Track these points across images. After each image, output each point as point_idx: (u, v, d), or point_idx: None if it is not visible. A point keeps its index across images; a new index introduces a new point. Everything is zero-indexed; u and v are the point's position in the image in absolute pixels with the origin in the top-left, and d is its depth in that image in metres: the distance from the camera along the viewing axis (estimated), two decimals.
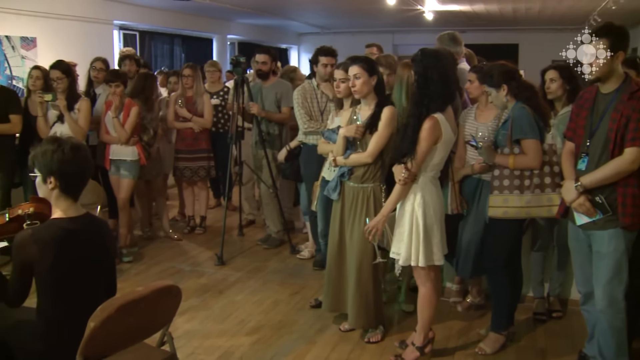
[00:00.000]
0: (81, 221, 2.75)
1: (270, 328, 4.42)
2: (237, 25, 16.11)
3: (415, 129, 3.50)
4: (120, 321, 2.49)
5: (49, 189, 2.70)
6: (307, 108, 5.20)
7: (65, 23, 11.49)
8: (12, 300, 2.72)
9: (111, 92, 5.66)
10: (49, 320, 2.72)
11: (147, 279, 5.35)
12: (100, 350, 2.61)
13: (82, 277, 2.72)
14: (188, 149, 6.51)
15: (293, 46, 19.55)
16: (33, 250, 2.59)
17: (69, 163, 2.65)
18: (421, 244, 3.59)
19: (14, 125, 5.59)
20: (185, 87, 6.49)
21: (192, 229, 6.88)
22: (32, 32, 10.97)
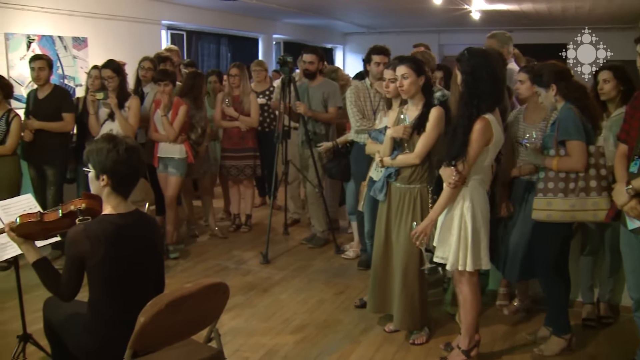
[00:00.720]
0: (131, 217, 2.80)
1: (314, 327, 4.43)
2: (282, 25, 16.18)
3: (465, 131, 3.45)
4: (169, 317, 2.52)
5: (101, 185, 2.75)
6: (360, 107, 5.18)
7: (115, 23, 11.69)
8: (64, 294, 2.78)
9: (160, 91, 5.75)
10: (100, 314, 2.77)
11: (193, 276, 5.42)
12: (149, 345, 2.65)
13: (132, 272, 2.76)
14: (234, 147, 6.57)
15: (338, 46, 19.54)
16: (85, 245, 2.65)
17: (123, 164, 2.70)
18: (469, 249, 3.55)
19: (67, 124, 5.73)
20: (232, 87, 6.54)
21: (238, 227, 6.95)
22: (84, 32, 11.19)
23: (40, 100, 5.72)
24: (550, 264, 3.86)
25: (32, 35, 10.33)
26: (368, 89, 5.25)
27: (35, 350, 3.79)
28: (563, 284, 3.92)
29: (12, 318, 4.53)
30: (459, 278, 3.73)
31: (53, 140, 5.71)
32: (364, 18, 15.64)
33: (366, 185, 4.77)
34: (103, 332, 2.75)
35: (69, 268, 2.72)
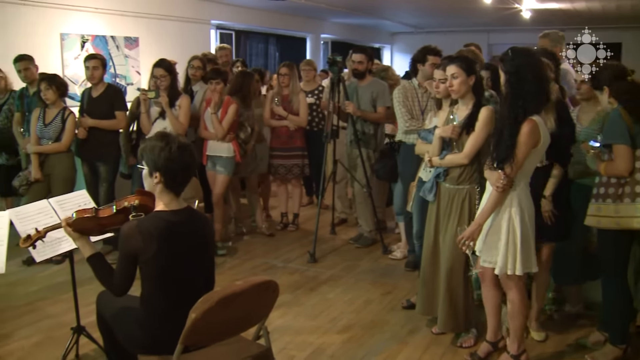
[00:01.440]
0: (183, 214, 2.84)
1: (361, 327, 4.41)
2: (330, 24, 16.19)
3: (512, 133, 3.38)
4: (219, 313, 2.55)
5: (154, 183, 2.80)
6: (408, 107, 5.15)
7: (166, 23, 11.88)
8: (117, 288, 2.83)
9: (211, 89, 5.81)
10: (152, 309, 2.82)
11: (241, 273, 5.46)
12: (200, 341, 2.68)
13: (183, 268, 2.80)
14: (283, 146, 6.59)
15: (386, 45, 19.47)
16: (138, 240, 2.69)
17: (175, 161, 2.74)
18: (518, 253, 3.48)
19: (119, 122, 5.84)
20: (282, 86, 6.57)
21: (285, 226, 6.98)
22: (135, 32, 11.40)
23: (94, 98, 5.84)
24: (609, 270, 3.76)
25: (86, 35, 10.57)
26: (416, 88, 5.21)
27: (88, 342, 3.88)
28: (622, 291, 3.80)
29: (66, 310, 4.64)
30: (506, 283, 3.67)
31: (106, 137, 5.83)
32: (412, 17, 15.55)
33: (415, 186, 4.74)
34: (154, 327, 2.79)
35: (122, 263, 2.77)
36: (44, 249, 3.39)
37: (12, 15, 9.44)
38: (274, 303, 2.86)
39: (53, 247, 3.46)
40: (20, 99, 6.23)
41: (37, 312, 4.71)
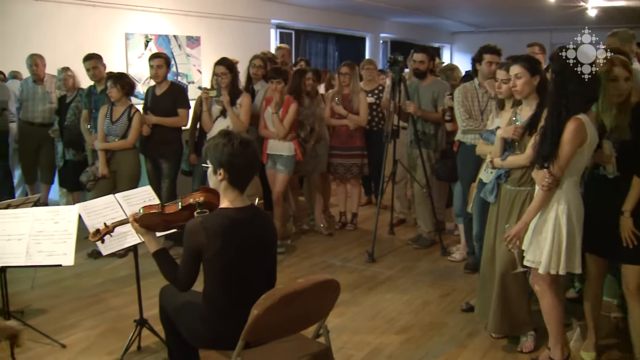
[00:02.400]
0: (247, 212, 2.86)
1: (419, 328, 4.38)
2: (390, 24, 16.13)
3: (554, 131, 3.32)
4: (281, 311, 2.56)
5: (218, 180, 2.83)
6: (467, 107, 5.08)
7: (227, 23, 12.03)
8: (181, 284, 2.88)
9: (272, 89, 5.86)
10: (214, 305, 2.85)
11: (299, 272, 5.49)
12: (261, 337, 2.70)
13: (246, 265, 2.83)
14: (342, 146, 6.58)
15: (446, 45, 19.29)
16: (202, 237, 2.73)
17: (238, 156, 2.76)
18: (563, 252, 3.41)
19: (182, 119, 5.95)
20: (342, 85, 6.56)
21: (344, 225, 6.98)
22: (197, 31, 11.59)
23: (158, 96, 5.97)
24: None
25: (149, 35, 10.80)
26: (476, 89, 5.14)
27: (149, 334, 3.98)
28: None
29: (129, 303, 4.76)
30: (542, 281, 3.59)
31: (169, 135, 5.95)
32: (473, 16, 15.36)
33: (476, 187, 4.67)
34: (217, 323, 2.83)
35: (186, 259, 2.82)
36: (111, 243, 3.48)
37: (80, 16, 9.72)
38: (335, 302, 2.86)
39: (119, 241, 3.55)
40: (88, 97, 6.42)
41: (102, 304, 4.84)
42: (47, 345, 4.09)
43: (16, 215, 3.37)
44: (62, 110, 6.82)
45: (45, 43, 8.55)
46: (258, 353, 2.75)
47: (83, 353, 4.01)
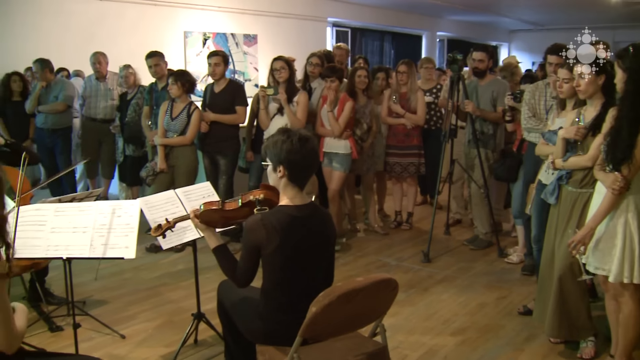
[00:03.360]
0: (306, 209, 2.87)
1: (475, 330, 4.32)
2: (447, 22, 15.97)
3: (631, 133, 3.20)
4: (339, 308, 2.56)
5: (278, 177, 2.84)
6: (532, 105, 4.98)
7: (283, 21, 12.10)
8: (240, 280, 2.90)
9: (327, 87, 5.87)
10: (272, 301, 2.87)
11: (354, 270, 5.48)
12: (318, 335, 2.70)
13: (305, 262, 2.83)
14: (399, 145, 6.55)
15: (503, 43, 18.99)
16: (262, 233, 2.74)
17: (297, 153, 2.76)
18: (636, 259, 3.29)
19: (239, 116, 6.00)
20: (400, 84, 6.52)
21: (399, 224, 6.95)
22: (254, 29, 11.69)
23: (216, 93, 6.04)
24: None
25: (207, 33, 10.94)
26: (545, 88, 5.03)
27: (206, 328, 4.03)
28: None
29: (185, 297, 4.85)
30: (621, 291, 3.47)
31: (226, 132, 6.01)
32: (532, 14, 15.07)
33: (535, 188, 4.58)
34: (274, 319, 2.84)
35: (245, 255, 2.84)
36: (171, 238, 3.53)
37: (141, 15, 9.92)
38: (393, 301, 2.84)
39: (179, 236, 3.60)
40: (149, 94, 6.54)
41: (159, 297, 4.93)
42: (107, 335, 4.20)
43: (81, 208, 3.46)
44: (123, 107, 6.98)
45: (108, 41, 8.76)
46: (315, 350, 2.76)
47: (141, 344, 4.09)
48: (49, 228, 3.39)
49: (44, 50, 7.73)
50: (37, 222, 3.40)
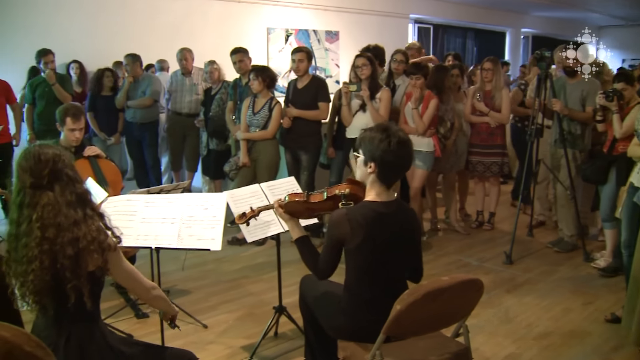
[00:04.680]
0: (392, 206, 2.85)
1: (560, 336, 4.19)
2: (532, 18, 15.58)
3: None
4: (424, 307, 2.53)
5: (367, 172, 2.83)
6: None
7: (365, 17, 12.08)
8: (320, 272, 2.92)
9: (411, 84, 5.82)
10: (355, 297, 2.87)
11: (435, 269, 5.42)
12: (401, 333, 2.69)
13: (389, 259, 2.82)
14: (482, 143, 6.43)
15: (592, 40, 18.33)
16: (346, 228, 2.74)
17: (392, 154, 2.74)
18: None
19: (322, 112, 6.02)
20: (485, 81, 6.40)
21: (480, 224, 6.84)
22: (336, 26, 11.72)
23: (299, 89, 6.08)
24: None
25: (290, 29, 11.05)
26: None
27: (286, 321, 4.07)
28: None
29: (266, 290, 4.92)
30: None
31: (309, 127, 6.05)
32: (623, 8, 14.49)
33: (626, 191, 4.41)
34: (357, 315, 2.84)
35: (328, 248, 2.85)
36: (255, 231, 3.59)
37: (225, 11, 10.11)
38: (477, 302, 2.80)
39: (263, 230, 3.65)
40: (233, 89, 6.66)
41: (240, 289, 5.02)
42: (190, 325, 4.30)
43: (170, 199, 3.55)
44: (207, 102, 7.12)
45: (192, 37, 8.98)
46: (397, 348, 2.75)
47: (223, 335, 4.18)
48: (140, 218, 3.50)
49: (133, 46, 7.98)
50: (129, 212, 3.52)
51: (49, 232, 2.23)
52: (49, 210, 2.24)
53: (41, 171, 2.26)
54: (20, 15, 8.36)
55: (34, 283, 2.25)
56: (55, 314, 2.34)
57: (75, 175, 2.36)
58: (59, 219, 2.24)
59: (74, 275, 2.24)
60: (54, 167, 2.29)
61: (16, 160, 2.34)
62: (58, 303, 2.30)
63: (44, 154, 2.29)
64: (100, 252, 2.27)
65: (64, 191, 2.29)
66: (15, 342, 2.02)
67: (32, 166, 2.27)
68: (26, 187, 2.27)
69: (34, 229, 2.23)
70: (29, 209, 2.26)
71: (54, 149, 2.35)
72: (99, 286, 2.37)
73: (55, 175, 2.29)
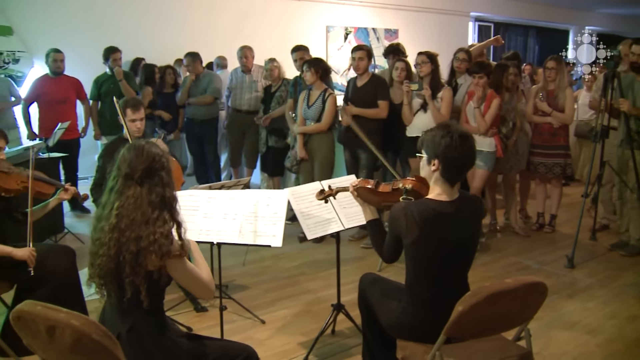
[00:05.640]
0: (452, 206, 2.82)
1: (625, 344, 4.06)
2: (597, 15, 15.17)
3: None
4: (486, 309, 2.50)
5: (431, 170, 2.82)
6: None
7: (425, 15, 11.99)
8: (385, 256, 2.98)
9: (474, 83, 5.75)
10: (415, 296, 2.85)
11: (493, 271, 5.35)
12: (462, 334, 2.65)
13: (449, 258, 2.79)
14: (545, 144, 6.29)
15: None
16: (402, 222, 2.75)
17: (455, 149, 2.73)
18: None
19: (381, 111, 6.00)
20: (547, 80, 6.27)
21: (541, 227, 6.70)
22: (395, 24, 11.68)
23: (359, 88, 6.08)
24: None
25: (349, 27, 11.06)
26: None
27: (344, 319, 4.06)
28: None
29: (323, 287, 4.94)
30: None
31: (368, 126, 6.01)
32: None
33: None
34: (418, 315, 2.82)
35: (389, 239, 2.90)
36: (315, 228, 3.61)
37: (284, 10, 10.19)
38: (541, 306, 2.74)
39: (323, 227, 3.66)
40: (294, 87, 6.71)
41: (298, 286, 5.05)
42: (248, 320, 4.36)
43: (231, 195, 3.60)
44: (267, 99, 7.19)
45: (253, 35, 9.09)
46: (457, 349, 2.72)
47: (280, 331, 4.21)
48: (202, 213, 3.56)
49: (194, 44, 8.14)
50: (192, 207, 3.58)
51: (123, 222, 2.32)
52: (130, 202, 2.34)
53: (137, 165, 2.37)
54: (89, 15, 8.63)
55: (100, 267, 2.36)
56: (119, 303, 2.42)
57: (169, 180, 2.44)
58: (135, 214, 2.33)
59: (133, 271, 2.31)
60: (151, 165, 2.39)
61: (122, 149, 2.45)
62: (120, 293, 2.38)
63: (147, 151, 2.40)
64: (159, 256, 2.32)
65: (151, 191, 2.37)
66: (85, 331, 2.09)
67: (132, 158, 2.38)
68: (120, 176, 2.38)
69: (112, 215, 2.34)
70: (115, 195, 2.38)
71: (159, 150, 2.45)
72: (158, 287, 2.42)
73: (148, 173, 2.38)
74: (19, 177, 3.89)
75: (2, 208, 3.81)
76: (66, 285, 3.84)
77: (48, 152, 6.35)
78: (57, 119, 6.77)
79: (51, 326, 2.13)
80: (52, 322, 2.12)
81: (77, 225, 6.97)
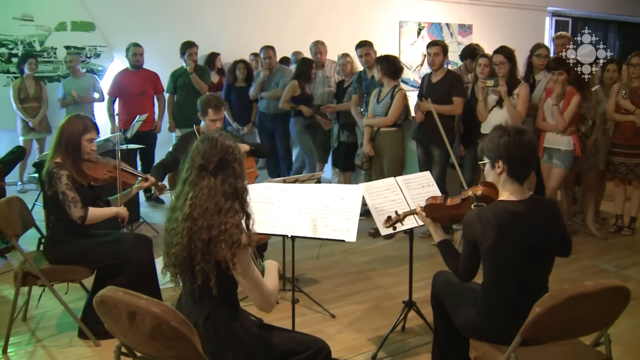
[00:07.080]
0: (525, 204, 2.77)
1: None
2: None
3: None
4: (564, 312, 2.44)
5: (497, 173, 2.80)
6: None
7: (500, 10, 11.77)
8: (462, 274, 2.90)
9: (553, 80, 5.60)
10: (491, 297, 2.81)
11: (568, 273, 5.20)
12: (538, 337, 2.60)
13: (526, 259, 2.74)
14: (626, 144, 6.07)
15: None
16: (477, 228, 2.71)
17: (515, 146, 2.71)
18: None
19: (456, 107, 5.93)
20: (632, 77, 6.03)
21: (619, 229, 6.47)
22: (469, 19, 11.50)
23: (433, 84, 6.02)
24: None
25: (422, 23, 10.95)
26: None
27: (414, 316, 4.03)
28: None
29: (394, 283, 4.93)
30: None
31: (442, 122, 5.96)
32: None
33: None
34: (493, 316, 2.78)
35: (465, 251, 2.83)
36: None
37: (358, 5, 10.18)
38: (622, 311, 2.66)
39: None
40: (358, 82, 6.72)
41: (368, 281, 5.05)
42: (318, 313, 4.39)
43: (306, 189, 3.63)
44: (339, 94, 7.20)
45: (325, 30, 9.12)
46: (533, 352, 2.66)
47: (350, 325, 4.22)
48: (277, 206, 3.60)
49: (268, 38, 8.21)
50: (266, 200, 3.63)
51: (196, 212, 2.37)
52: (204, 193, 2.38)
53: (212, 157, 2.41)
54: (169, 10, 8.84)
55: (174, 256, 2.42)
56: (193, 291, 2.48)
57: (241, 172, 2.48)
58: (208, 203, 2.37)
59: (204, 259, 2.36)
60: (224, 156, 2.43)
61: (196, 141, 2.51)
62: (193, 281, 2.44)
63: (221, 143, 2.45)
64: (229, 245, 2.34)
65: (225, 182, 2.41)
66: (164, 318, 2.15)
67: (206, 149, 2.43)
68: (194, 167, 2.43)
69: (186, 205, 2.39)
70: (189, 186, 2.43)
71: (232, 142, 2.50)
72: (228, 275, 2.43)
73: (222, 164, 2.42)
74: (106, 167, 4.07)
75: (90, 196, 3.95)
76: (143, 272, 3.97)
77: (126, 144, 6.54)
78: (136, 111, 6.98)
79: (132, 312, 2.20)
80: (133, 308, 2.19)
81: (152, 215, 7.17)
